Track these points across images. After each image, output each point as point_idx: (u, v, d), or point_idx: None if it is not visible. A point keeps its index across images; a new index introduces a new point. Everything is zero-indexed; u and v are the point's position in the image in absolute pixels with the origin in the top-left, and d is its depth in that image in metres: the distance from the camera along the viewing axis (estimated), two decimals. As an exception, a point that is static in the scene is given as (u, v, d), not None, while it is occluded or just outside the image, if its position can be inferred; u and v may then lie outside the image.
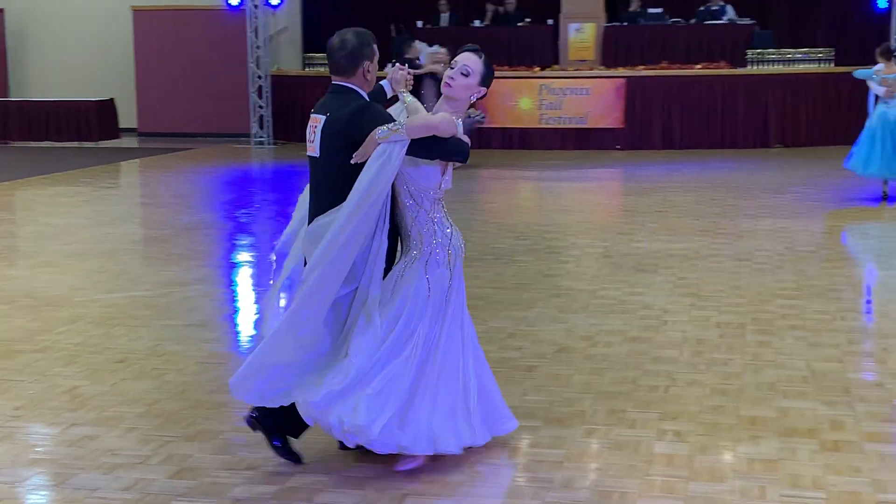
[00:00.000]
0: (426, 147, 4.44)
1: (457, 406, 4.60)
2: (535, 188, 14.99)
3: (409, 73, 4.83)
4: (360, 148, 4.40)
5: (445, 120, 4.46)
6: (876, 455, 4.70)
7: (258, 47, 20.08)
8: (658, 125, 18.57)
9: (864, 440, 4.87)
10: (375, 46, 4.60)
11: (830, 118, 18.46)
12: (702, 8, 20.23)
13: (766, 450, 4.78)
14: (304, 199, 4.81)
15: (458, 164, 4.65)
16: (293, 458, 4.70)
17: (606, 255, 9.52)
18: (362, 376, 4.39)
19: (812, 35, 20.66)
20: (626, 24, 20.11)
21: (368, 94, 4.63)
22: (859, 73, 12.44)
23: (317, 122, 4.59)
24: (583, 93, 18.66)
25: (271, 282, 4.91)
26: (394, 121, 4.45)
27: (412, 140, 4.38)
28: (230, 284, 8.93)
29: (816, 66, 18.78)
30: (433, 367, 4.53)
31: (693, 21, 20.12)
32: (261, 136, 20.10)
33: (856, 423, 5.09)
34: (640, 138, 18.61)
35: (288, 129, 20.36)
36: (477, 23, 21.14)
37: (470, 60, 4.60)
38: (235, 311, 7.96)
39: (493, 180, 15.49)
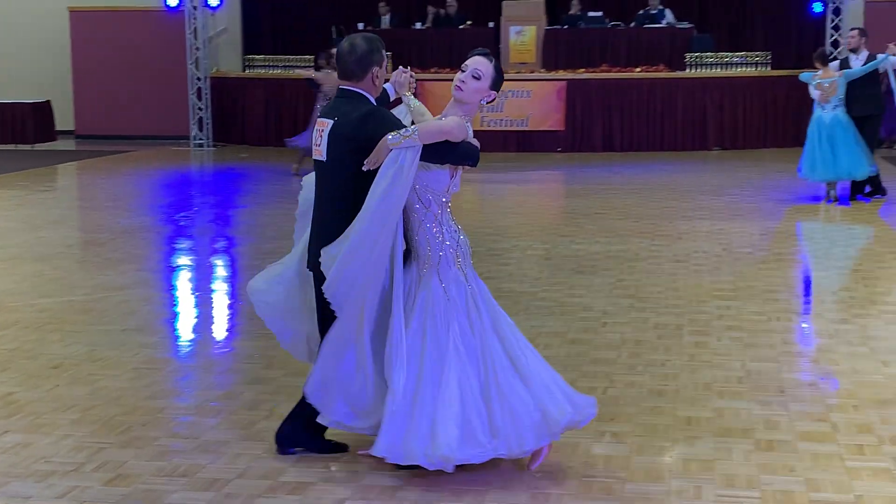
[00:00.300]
0: (438, 152, 4.43)
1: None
2: (477, 190, 15.00)
3: (412, 76, 4.85)
4: (372, 154, 4.37)
5: (457, 124, 4.46)
6: (809, 454, 4.76)
7: (197, 49, 19.93)
8: (598, 128, 18.70)
9: (797, 439, 4.93)
10: (384, 52, 4.63)
11: (768, 121, 18.74)
12: (641, 12, 20.42)
13: (701, 450, 4.83)
14: (304, 201, 4.84)
15: (467, 168, 4.64)
16: (339, 447, 4.81)
17: (547, 257, 9.56)
18: (410, 401, 4.40)
19: (750, 39, 20.94)
20: (566, 27, 20.23)
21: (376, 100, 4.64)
22: (804, 76, 12.63)
23: (324, 126, 4.56)
24: (524, 95, 18.74)
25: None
26: (403, 126, 4.44)
27: (430, 145, 4.38)
28: (168, 288, 8.83)
29: (754, 69, 19.04)
30: (493, 367, 4.51)
31: (633, 25, 20.31)
32: (200, 139, 19.93)
33: (790, 423, 5.16)
34: (580, 141, 18.73)
35: (227, 131, 20.23)
36: (418, 25, 21.16)
37: (481, 64, 4.58)
38: (174, 315, 7.87)
39: (435, 183, 15.47)
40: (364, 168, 4.38)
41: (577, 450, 4.85)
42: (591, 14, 20.40)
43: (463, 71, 4.58)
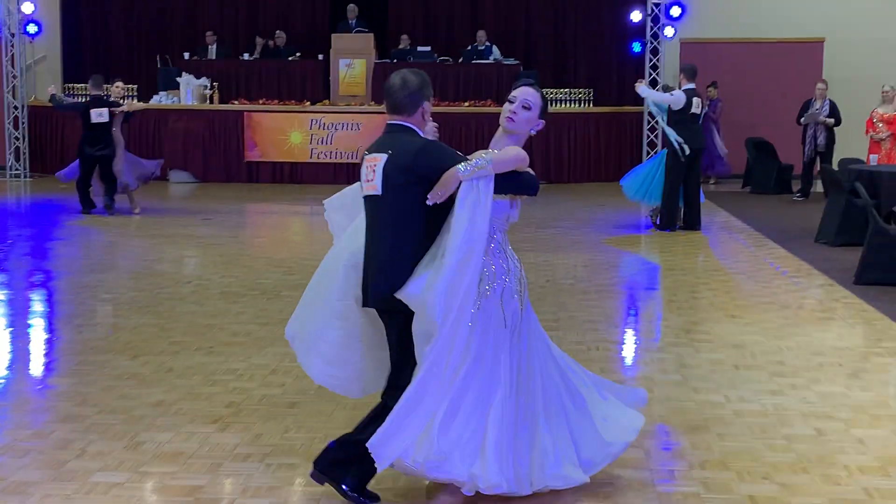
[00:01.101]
0: (503, 181, 4.42)
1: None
2: (306, 223, 14.93)
3: (436, 126, 4.78)
4: (437, 186, 4.33)
5: (524, 155, 4.49)
6: (624, 480, 4.86)
7: (15, 77, 19.25)
8: (427, 161, 18.82)
9: (611, 466, 5.01)
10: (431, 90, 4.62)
11: (591, 156, 19.29)
12: (469, 48, 20.76)
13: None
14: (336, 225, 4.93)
15: (526, 197, 4.62)
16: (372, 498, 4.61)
17: (374, 289, 9.54)
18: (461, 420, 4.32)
19: (573, 76, 21.52)
20: (395, 61, 20.38)
21: None
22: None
23: (375, 161, 4.48)
24: (354, 128, 18.78)
25: None
26: (463, 158, 4.40)
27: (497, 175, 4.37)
28: (-22, 324, 8.44)
29: (577, 106, 19.58)
30: (531, 401, 4.49)
31: (461, 60, 20.61)
32: (17, 169, 19.22)
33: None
34: (410, 174, 18.80)
35: (45, 161, 19.59)
36: (246, 56, 20.95)
37: (530, 94, 4.63)
38: (-18, 352, 7.52)
39: (263, 215, 15.34)
40: (429, 202, 4.34)
41: (398, 477, 4.83)
42: (420, 49, 20.64)
43: (511, 102, 4.62)
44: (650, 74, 19.28)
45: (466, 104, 19.26)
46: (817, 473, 4.98)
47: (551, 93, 19.22)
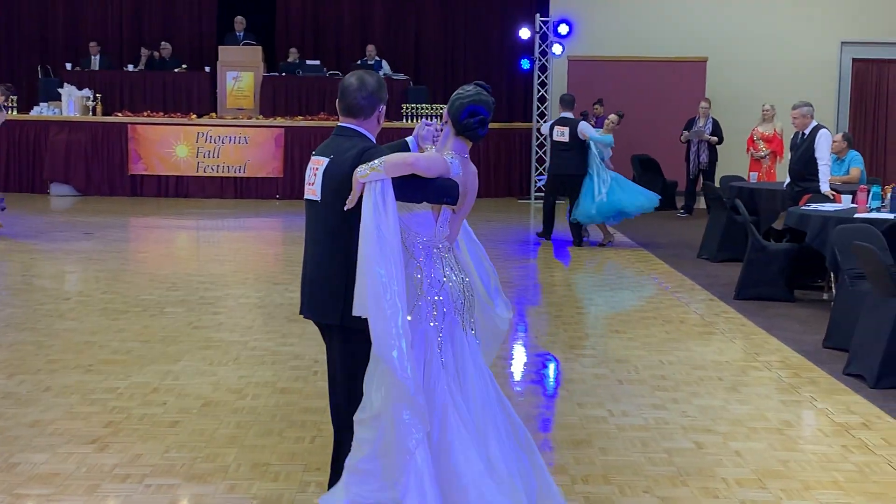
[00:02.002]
0: (410, 188, 4.16)
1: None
2: (192, 238, 14.70)
3: (436, 129, 4.54)
4: (351, 193, 4.15)
5: (429, 158, 4.21)
6: (508, 496, 4.88)
7: None
8: (317, 175, 18.73)
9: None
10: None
11: (480, 172, 19.18)
12: (358, 62, 20.70)
13: (406, 496, 4.85)
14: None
15: (452, 208, 4.31)
16: None
17: (260, 305, 9.45)
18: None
19: (462, 92, 21.61)
20: (284, 74, 20.24)
21: (394, 149, 4.39)
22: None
23: (319, 163, 4.37)
24: (241, 141, 18.58)
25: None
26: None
27: (400, 181, 4.12)
28: None
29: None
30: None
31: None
32: None
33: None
34: (300, 188, 18.64)
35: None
36: (130, 67, 20.57)
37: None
38: None
39: (147, 229, 15.04)
40: (346, 207, 4.17)
41: (280, 500, 4.77)
42: (309, 62, 20.52)
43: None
44: (538, 91, 19.50)
45: (356, 119, 19.16)
46: (696, 486, 5.07)
47: (441, 109, 19.23)
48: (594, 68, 19.92)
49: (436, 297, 4.22)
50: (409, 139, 4.61)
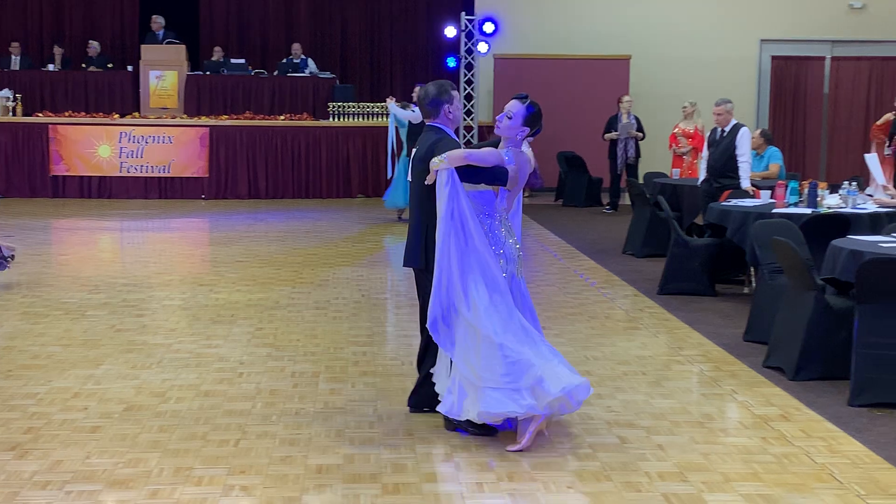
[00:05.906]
0: (472, 173, 5.61)
1: None
2: (115, 239, 14.50)
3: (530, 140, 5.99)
4: (429, 174, 5.60)
5: (481, 152, 5.65)
6: (433, 495, 4.90)
7: None
8: (244, 175, 18.64)
9: (423, 481, 5.05)
10: (454, 92, 5.93)
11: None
12: (284, 60, 20.60)
13: (331, 498, 4.84)
14: None
15: (506, 188, 5.71)
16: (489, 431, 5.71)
17: (185, 307, 9.34)
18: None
19: (389, 90, 21.61)
20: (208, 73, 20.04)
21: (486, 144, 5.95)
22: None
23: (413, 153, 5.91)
24: (165, 141, 18.38)
25: None
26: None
27: (466, 169, 5.57)
28: None
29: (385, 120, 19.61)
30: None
31: (276, 73, 20.42)
32: None
33: (416, 465, 5.28)
34: (225, 188, 18.59)
35: None
36: (51, 67, 20.23)
37: (513, 106, 5.77)
38: None
39: (68, 231, 14.81)
40: (426, 182, 5.63)
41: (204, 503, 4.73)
42: (233, 61, 20.34)
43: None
44: (465, 89, 19.56)
45: (282, 117, 19.10)
46: (620, 481, 5.12)
47: (369, 107, 19.25)
48: (520, 66, 20.03)
49: (500, 251, 5.68)
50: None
